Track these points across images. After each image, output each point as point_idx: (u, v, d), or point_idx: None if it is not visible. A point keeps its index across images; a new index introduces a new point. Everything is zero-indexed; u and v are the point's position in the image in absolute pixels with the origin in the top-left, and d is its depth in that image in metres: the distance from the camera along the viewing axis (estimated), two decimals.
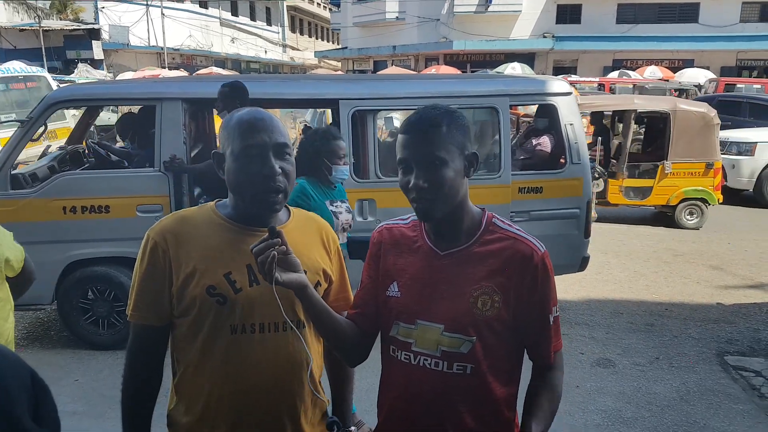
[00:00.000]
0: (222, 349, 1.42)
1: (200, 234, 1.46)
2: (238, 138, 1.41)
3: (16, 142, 4.23)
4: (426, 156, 1.35)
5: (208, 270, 1.42)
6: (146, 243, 1.46)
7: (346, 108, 4.40)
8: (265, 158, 1.41)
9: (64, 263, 4.23)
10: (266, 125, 1.43)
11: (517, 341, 1.46)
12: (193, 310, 1.42)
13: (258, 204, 1.44)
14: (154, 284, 1.44)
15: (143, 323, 1.46)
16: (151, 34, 29.25)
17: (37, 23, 25.51)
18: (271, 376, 1.44)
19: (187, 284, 1.41)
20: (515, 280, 1.40)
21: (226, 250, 1.44)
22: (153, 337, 1.48)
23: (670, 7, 27.29)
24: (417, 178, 1.36)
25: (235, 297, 1.42)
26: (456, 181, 1.37)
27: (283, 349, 1.45)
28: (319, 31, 52.40)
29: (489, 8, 27.29)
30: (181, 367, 1.48)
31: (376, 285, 1.53)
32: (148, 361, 1.49)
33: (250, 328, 1.43)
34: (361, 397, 1.47)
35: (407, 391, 1.45)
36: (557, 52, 27.85)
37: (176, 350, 1.49)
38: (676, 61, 26.46)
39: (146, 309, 1.45)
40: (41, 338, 4.75)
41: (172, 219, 1.49)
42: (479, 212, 1.48)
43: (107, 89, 5.07)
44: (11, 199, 4.14)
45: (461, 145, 1.39)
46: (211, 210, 1.51)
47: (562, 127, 4.71)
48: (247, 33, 37.21)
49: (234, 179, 1.43)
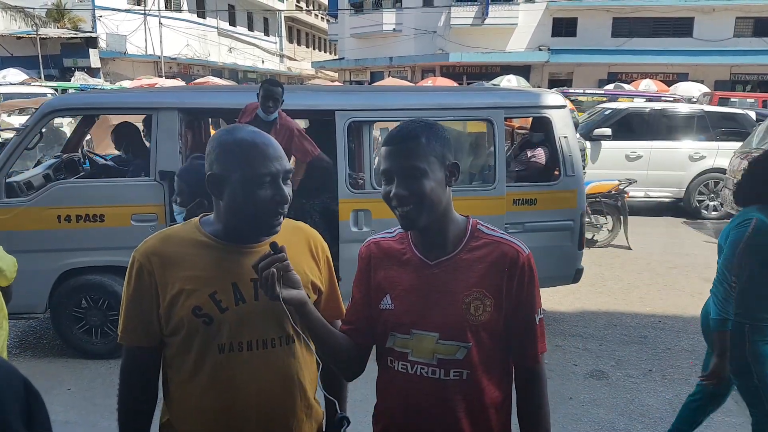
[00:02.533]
0: (211, 368, 1.42)
1: (185, 253, 1.45)
2: (249, 164, 1.39)
3: (12, 150, 4.23)
4: (406, 167, 1.40)
5: (194, 290, 1.42)
6: (132, 265, 1.45)
7: (342, 119, 4.41)
8: (278, 187, 1.42)
9: (58, 272, 4.22)
10: (277, 152, 1.43)
11: (508, 344, 1.49)
12: (182, 331, 1.42)
13: (261, 228, 1.45)
14: (142, 306, 1.44)
15: (134, 345, 1.47)
16: (148, 43, 29.34)
17: (34, 31, 25.56)
18: (262, 393, 1.45)
19: (174, 305, 1.41)
20: (504, 282, 1.43)
21: (212, 270, 1.44)
22: (145, 357, 1.48)
23: (664, 21, 27.59)
24: (398, 188, 1.41)
25: (222, 316, 1.42)
26: (436, 191, 1.41)
27: (272, 366, 1.46)
28: (316, 41, 52.64)
29: (485, 21, 27.54)
30: (172, 384, 1.49)
31: (367, 299, 1.55)
32: (142, 380, 1.49)
33: (238, 347, 1.43)
34: (353, 407, 1.47)
35: (406, 400, 1.48)
36: (553, 65, 28.07)
37: (168, 367, 1.50)
38: (671, 74, 26.67)
39: (136, 331, 1.45)
40: (34, 347, 4.72)
41: (156, 239, 1.49)
42: (464, 220, 1.52)
43: (103, 98, 5.10)
44: (6, 208, 4.13)
45: (441, 155, 1.42)
46: (195, 227, 1.50)
47: (557, 139, 4.74)
48: (244, 43, 37.36)
49: (241, 205, 1.41)
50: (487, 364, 1.45)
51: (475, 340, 1.43)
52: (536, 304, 1.47)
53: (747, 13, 26.99)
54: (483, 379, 1.45)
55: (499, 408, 1.49)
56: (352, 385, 1.70)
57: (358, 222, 4.43)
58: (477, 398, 1.45)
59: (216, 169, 1.42)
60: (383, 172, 1.44)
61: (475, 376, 1.44)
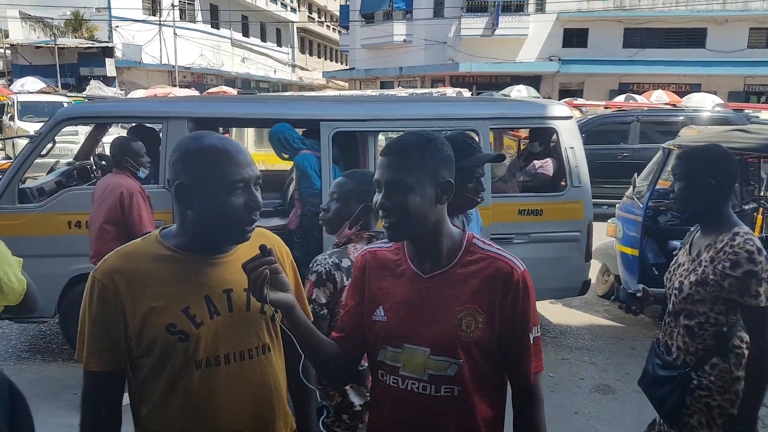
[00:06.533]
0: (188, 385, 1.37)
1: (150, 269, 1.38)
2: (220, 171, 1.35)
3: (25, 157, 4.31)
4: (392, 179, 1.40)
5: (165, 307, 1.36)
6: (92, 286, 1.37)
7: (327, 129, 4.43)
8: (251, 193, 1.39)
9: (67, 277, 4.28)
10: (248, 158, 1.40)
11: (502, 362, 1.47)
12: (155, 351, 1.36)
13: (233, 236, 1.42)
14: (108, 329, 1.36)
15: (100, 370, 1.37)
16: (163, 53, 29.70)
17: (52, 41, 25.98)
18: (242, 406, 1.42)
19: (145, 325, 1.35)
20: (498, 299, 1.41)
21: (181, 284, 1.39)
22: (111, 383, 1.39)
23: (677, 32, 27.44)
24: (383, 199, 1.41)
25: (198, 332, 1.37)
26: (422, 207, 1.39)
27: (250, 377, 1.44)
28: (327, 52, 53.01)
29: (496, 31, 27.56)
30: (145, 407, 1.41)
31: (361, 309, 1.54)
32: (108, 406, 1.40)
33: (215, 361, 1.39)
34: None
35: (396, 415, 1.46)
36: (563, 75, 28.01)
37: (137, 391, 1.42)
38: (683, 85, 26.50)
39: (102, 355, 1.37)
40: (43, 351, 4.77)
41: (116, 257, 1.41)
42: (459, 233, 1.49)
43: (114, 107, 5.18)
44: (18, 213, 4.21)
45: (434, 171, 1.40)
46: (156, 241, 1.44)
47: (563, 150, 4.74)
48: (257, 53, 37.71)
49: (212, 213, 1.37)
50: (478, 382, 1.42)
51: (466, 357, 1.40)
52: (531, 322, 1.43)
53: (761, 24, 26.80)
54: (474, 397, 1.42)
55: (491, 426, 1.46)
56: None
57: None
58: (468, 415, 1.43)
59: (184, 178, 1.37)
60: (375, 181, 1.45)
61: (466, 392, 1.42)
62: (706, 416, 2.02)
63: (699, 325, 2.05)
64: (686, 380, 2.06)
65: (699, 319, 2.05)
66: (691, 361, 2.07)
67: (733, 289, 1.94)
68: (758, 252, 1.91)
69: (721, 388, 2.01)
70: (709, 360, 2.04)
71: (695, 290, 2.03)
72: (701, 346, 2.05)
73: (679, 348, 2.11)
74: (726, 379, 2.02)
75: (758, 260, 1.90)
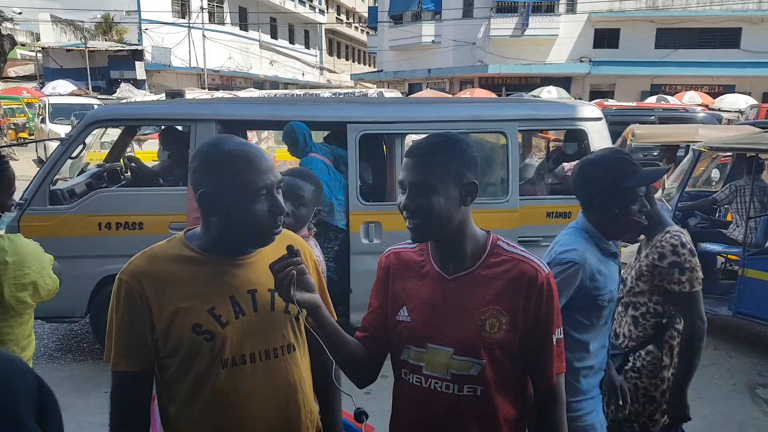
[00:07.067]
0: (214, 384, 1.39)
1: (176, 271, 1.40)
2: (242, 179, 1.36)
3: (56, 159, 4.39)
4: (416, 181, 1.40)
5: (191, 308, 1.38)
6: (119, 287, 1.39)
7: (354, 131, 4.41)
8: (273, 198, 1.40)
9: (97, 277, 4.34)
10: (269, 163, 1.41)
11: (524, 363, 1.47)
12: (181, 350, 1.38)
13: (259, 240, 1.44)
14: (135, 329, 1.38)
15: (128, 370, 1.40)
16: (192, 56, 30.14)
17: (83, 44, 26.53)
18: (267, 404, 1.44)
19: (171, 325, 1.37)
20: (521, 301, 1.41)
21: (206, 285, 1.41)
22: (140, 382, 1.42)
23: (710, 32, 26.86)
24: (406, 200, 1.42)
25: (223, 332, 1.39)
26: (446, 209, 1.40)
27: (276, 376, 1.45)
28: (356, 54, 53.23)
29: (525, 32, 27.33)
30: (173, 406, 1.43)
31: (384, 309, 1.55)
32: (137, 406, 1.43)
33: (241, 360, 1.41)
34: (373, 421, 1.47)
35: (419, 414, 1.47)
36: (594, 77, 27.62)
37: (165, 389, 1.45)
38: (716, 86, 25.93)
39: (130, 355, 1.39)
40: (74, 350, 4.86)
41: (142, 259, 1.43)
42: (484, 235, 1.50)
43: (144, 110, 5.24)
44: (49, 215, 4.28)
45: (458, 173, 1.41)
46: (181, 243, 1.46)
47: (593, 152, 4.65)
48: (285, 56, 38.03)
49: (238, 221, 1.38)
50: (501, 382, 1.43)
51: (489, 357, 1.41)
52: (554, 324, 1.45)
53: None
54: (497, 397, 1.43)
55: (514, 426, 1.47)
56: (371, 399, 1.68)
57: (368, 234, 4.43)
58: (491, 415, 1.44)
59: (207, 187, 1.38)
60: (399, 182, 1.46)
61: (488, 392, 1.43)
62: (631, 394, 2.30)
63: (642, 315, 2.33)
64: (624, 359, 2.36)
65: (642, 310, 2.33)
66: (632, 346, 2.37)
67: (663, 277, 2.23)
68: (681, 245, 2.21)
69: (651, 373, 2.32)
70: (646, 346, 2.33)
71: (635, 283, 2.33)
72: (642, 335, 2.34)
73: (625, 335, 2.39)
74: (656, 366, 2.32)
75: (681, 252, 2.20)
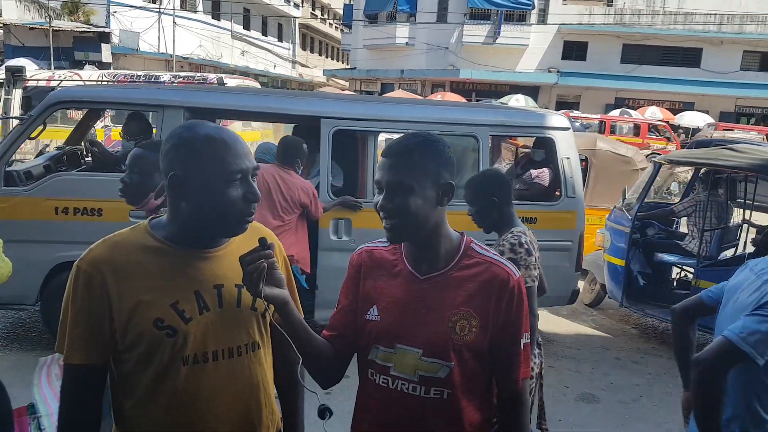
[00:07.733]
0: (175, 381, 1.33)
1: (139, 261, 1.33)
2: (217, 162, 1.30)
3: (14, 139, 4.23)
4: (394, 181, 1.39)
5: (153, 301, 1.31)
6: (77, 276, 1.31)
7: (328, 126, 4.40)
8: (248, 184, 1.35)
9: (51, 264, 4.19)
10: (245, 148, 1.35)
11: (492, 366, 1.47)
12: (141, 345, 1.31)
13: (230, 229, 1.37)
14: (92, 321, 1.30)
15: (83, 363, 1.31)
16: (161, 41, 29.48)
17: (47, 23, 25.66)
18: (229, 404, 1.39)
19: (131, 319, 1.30)
20: (493, 303, 1.41)
21: (170, 278, 1.34)
22: (94, 377, 1.33)
23: (673, 50, 27.76)
24: (384, 200, 1.41)
25: (186, 328, 1.32)
26: (423, 209, 1.39)
27: (239, 374, 1.40)
28: (329, 50, 52.93)
29: (497, 40, 27.68)
30: (129, 402, 1.36)
31: (354, 308, 1.52)
32: (88, 402, 1.34)
33: (203, 358, 1.35)
34: (333, 421, 1.45)
35: (385, 416, 1.45)
36: (561, 87, 28.19)
37: (120, 385, 1.37)
38: (677, 103, 26.79)
39: (86, 348, 1.31)
40: (21, 339, 4.69)
41: (104, 246, 1.35)
42: (458, 237, 1.50)
43: (110, 93, 5.09)
44: (4, 196, 4.12)
45: (435, 173, 1.40)
46: (145, 232, 1.38)
47: (559, 160, 4.74)
48: (257, 47, 37.54)
49: (209, 206, 1.32)
50: (468, 385, 1.43)
51: (457, 360, 1.40)
52: (523, 328, 1.45)
53: (755, 48, 27.20)
54: (463, 400, 1.42)
55: (479, 430, 1.46)
56: (335, 399, 1.66)
57: (338, 231, 4.42)
58: (456, 419, 1.43)
59: (177, 169, 1.31)
60: (376, 182, 1.44)
61: (455, 396, 1.42)
62: None
63: None
64: None
65: None
66: None
67: None
68: (519, 245, 2.41)
69: None
70: None
71: None
72: None
73: None
74: None
75: (518, 251, 2.40)
